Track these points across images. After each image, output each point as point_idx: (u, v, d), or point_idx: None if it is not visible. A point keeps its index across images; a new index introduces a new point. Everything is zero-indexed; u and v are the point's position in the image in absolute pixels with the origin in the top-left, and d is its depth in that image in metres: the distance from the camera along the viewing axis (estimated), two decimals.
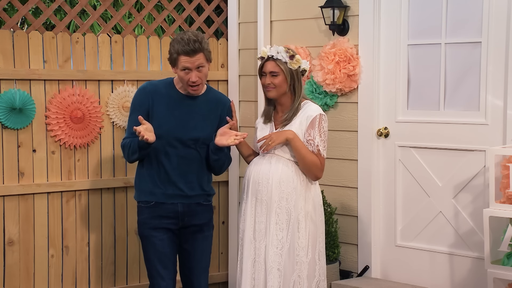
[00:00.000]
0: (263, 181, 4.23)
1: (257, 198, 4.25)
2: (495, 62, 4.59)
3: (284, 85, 4.23)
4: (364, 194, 5.09)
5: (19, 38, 4.91)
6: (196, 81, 4.16)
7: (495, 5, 4.56)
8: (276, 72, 4.22)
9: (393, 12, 4.98)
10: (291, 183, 4.22)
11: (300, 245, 4.22)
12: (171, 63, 4.20)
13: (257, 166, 4.29)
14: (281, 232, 4.20)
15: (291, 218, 4.21)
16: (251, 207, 4.27)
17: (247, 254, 4.25)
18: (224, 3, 5.76)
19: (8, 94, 4.84)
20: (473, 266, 4.72)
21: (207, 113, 4.29)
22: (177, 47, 4.11)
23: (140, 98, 4.28)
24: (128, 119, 4.32)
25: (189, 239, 4.33)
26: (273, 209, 4.20)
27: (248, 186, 4.30)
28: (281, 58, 4.20)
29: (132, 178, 5.27)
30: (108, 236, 5.29)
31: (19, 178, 4.94)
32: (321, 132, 4.22)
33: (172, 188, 4.25)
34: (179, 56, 4.12)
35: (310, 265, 4.25)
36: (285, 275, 4.19)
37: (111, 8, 5.34)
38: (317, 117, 4.23)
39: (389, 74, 5.03)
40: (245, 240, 4.26)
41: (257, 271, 4.22)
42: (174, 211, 4.26)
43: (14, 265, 4.94)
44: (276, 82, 4.22)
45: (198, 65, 4.14)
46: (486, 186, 4.58)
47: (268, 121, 4.35)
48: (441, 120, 4.83)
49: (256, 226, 4.24)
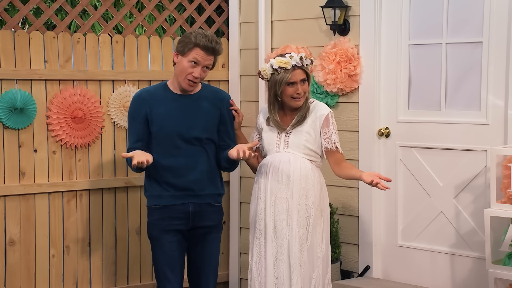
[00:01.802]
0: (283, 179, 4.23)
1: (277, 196, 4.24)
2: (496, 62, 4.59)
3: (308, 91, 4.29)
4: (365, 194, 5.09)
5: (20, 38, 4.92)
6: (197, 77, 4.17)
7: (496, 5, 4.56)
8: (305, 78, 4.24)
9: (394, 12, 4.98)
10: (310, 180, 4.24)
11: (317, 241, 4.24)
12: (180, 51, 4.19)
13: (275, 164, 4.26)
14: (302, 229, 4.21)
15: (311, 215, 4.22)
16: (270, 205, 4.25)
17: (270, 253, 4.24)
18: (225, 3, 5.76)
19: (9, 94, 4.85)
20: (474, 266, 4.72)
21: (207, 109, 4.29)
22: (200, 39, 4.14)
23: (137, 106, 4.29)
24: (128, 129, 4.35)
25: (198, 241, 4.33)
26: (295, 206, 4.21)
27: (266, 184, 4.27)
28: (306, 63, 4.22)
29: (133, 178, 5.30)
30: (109, 236, 5.29)
31: (20, 178, 4.94)
32: (334, 129, 4.28)
33: (181, 188, 4.24)
34: (196, 47, 4.14)
35: (323, 262, 4.27)
36: (306, 272, 4.20)
37: (112, 8, 5.34)
38: (329, 115, 4.27)
39: (390, 74, 5.03)
40: (267, 239, 4.25)
41: (280, 269, 4.22)
42: (184, 212, 4.26)
43: (15, 265, 4.94)
44: (306, 89, 4.25)
45: (206, 65, 4.17)
46: (487, 186, 4.58)
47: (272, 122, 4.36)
48: (442, 120, 4.83)
49: (277, 224, 4.23)
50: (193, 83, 4.20)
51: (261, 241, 4.29)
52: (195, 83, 4.21)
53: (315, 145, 4.27)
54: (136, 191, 5.34)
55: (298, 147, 4.25)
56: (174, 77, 4.29)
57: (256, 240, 4.31)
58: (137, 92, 4.39)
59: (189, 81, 4.19)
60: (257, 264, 4.31)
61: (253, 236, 4.34)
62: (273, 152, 4.30)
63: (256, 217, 4.31)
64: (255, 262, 4.31)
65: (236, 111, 4.43)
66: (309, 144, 4.25)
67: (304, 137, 4.25)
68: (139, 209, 5.39)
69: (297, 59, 4.17)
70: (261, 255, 4.29)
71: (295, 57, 4.17)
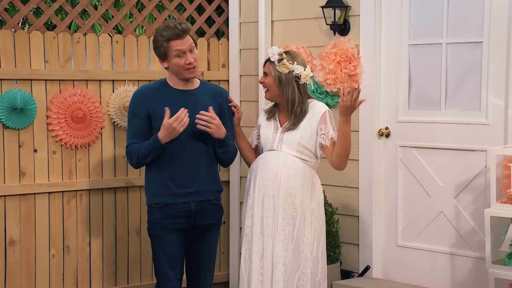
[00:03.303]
0: (271, 176, 4.24)
1: (265, 193, 4.25)
2: (496, 62, 4.59)
3: (274, 88, 4.26)
4: (365, 194, 5.09)
5: (20, 38, 4.92)
6: (192, 62, 4.20)
7: (496, 5, 4.56)
8: (267, 72, 4.29)
9: (394, 12, 4.98)
10: (298, 180, 4.23)
11: (306, 241, 4.23)
12: (161, 56, 4.23)
13: (265, 161, 4.29)
14: (287, 227, 4.21)
15: (298, 214, 4.22)
16: (258, 202, 4.26)
17: (256, 250, 4.25)
18: (225, 3, 5.76)
19: (9, 94, 4.84)
20: (474, 266, 4.72)
21: (208, 103, 4.30)
22: (166, 33, 4.16)
23: (138, 102, 4.28)
24: (128, 125, 4.32)
25: (199, 239, 4.34)
26: (281, 204, 4.21)
27: (255, 181, 4.29)
28: (273, 60, 4.26)
29: (133, 178, 5.30)
30: (109, 236, 5.29)
31: (20, 178, 4.94)
32: (333, 125, 4.27)
33: (183, 186, 4.24)
34: (170, 42, 4.16)
35: (314, 263, 4.26)
36: (290, 271, 4.20)
37: (112, 8, 5.34)
38: (326, 112, 4.28)
39: (390, 74, 5.03)
40: (254, 235, 4.26)
41: (264, 266, 4.22)
42: (186, 210, 4.26)
43: (15, 265, 4.94)
44: (266, 82, 4.29)
45: (190, 47, 4.19)
46: (487, 186, 4.58)
47: (271, 117, 4.37)
48: (442, 120, 4.83)
49: (263, 222, 4.24)
50: (193, 69, 4.23)
51: (249, 237, 4.31)
52: (195, 67, 4.24)
53: (309, 143, 4.26)
54: (136, 191, 5.34)
55: (291, 144, 4.24)
56: (172, 75, 4.30)
57: (245, 236, 4.34)
58: (138, 88, 4.39)
59: (188, 70, 4.22)
60: (245, 260, 4.33)
61: (243, 233, 4.37)
62: (267, 149, 4.33)
63: (246, 213, 4.34)
64: (244, 259, 4.34)
65: (235, 107, 4.44)
66: (303, 141, 4.25)
67: (299, 133, 4.25)
68: (139, 209, 5.39)
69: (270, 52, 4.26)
70: (249, 251, 4.30)
71: (270, 50, 4.26)
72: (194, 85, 4.34)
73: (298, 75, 4.25)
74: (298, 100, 4.26)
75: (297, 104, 4.26)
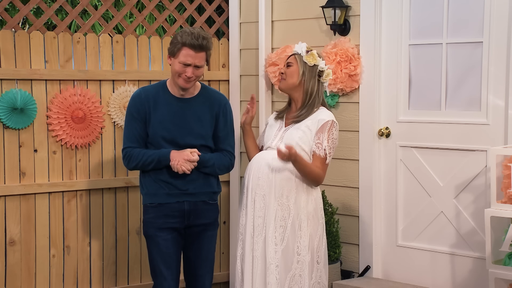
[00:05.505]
0: (263, 176, 4.24)
1: (256, 192, 4.25)
2: (497, 62, 4.59)
3: (295, 77, 4.27)
4: (365, 194, 5.09)
5: (21, 38, 4.92)
6: (191, 77, 4.16)
7: (497, 5, 4.56)
8: (291, 63, 4.32)
9: (394, 12, 4.98)
10: (292, 182, 4.22)
11: (302, 244, 4.23)
12: (170, 53, 4.19)
13: (259, 161, 4.29)
14: (279, 229, 4.21)
15: (291, 216, 4.21)
16: (251, 201, 4.27)
17: (249, 249, 4.25)
18: (225, 3, 5.76)
19: (10, 94, 4.85)
20: (475, 266, 4.72)
21: (203, 114, 4.26)
22: (186, 38, 4.11)
23: (137, 106, 4.25)
24: (126, 127, 4.27)
25: (195, 239, 4.33)
26: (272, 204, 4.21)
27: (248, 180, 4.30)
28: (300, 52, 4.30)
29: (133, 178, 5.30)
30: (109, 236, 5.29)
31: (21, 178, 4.95)
32: (329, 138, 4.24)
33: (176, 187, 4.24)
34: (184, 47, 4.12)
35: (310, 266, 4.25)
36: (282, 273, 4.19)
37: (112, 8, 5.34)
38: (329, 122, 4.26)
39: (390, 74, 5.03)
40: (247, 235, 4.27)
41: (255, 266, 4.23)
42: (179, 210, 4.25)
43: (16, 265, 4.94)
44: (289, 70, 4.30)
45: (197, 63, 4.14)
46: (488, 186, 4.58)
47: (280, 117, 4.39)
48: (442, 120, 4.83)
49: (254, 221, 4.25)
50: (188, 82, 4.19)
51: (243, 236, 4.32)
52: (190, 82, 4.19)
53: (307, 146, 4.25)
54: (136, 191, 5.34)
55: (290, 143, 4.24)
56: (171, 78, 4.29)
57: (240, 235, 4.36)
58: (136, 91, 4.35)
59: (183, 80, 4.18)
60: (240, 259, 4.33)
61: (238, 232, 4.38)
62: (265, 148, 4.34)
63: (241, 212, 4.35)
64: (239, 258, 4.35)
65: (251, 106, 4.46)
66: (301, 142, 4.24)
67: (298, 134, 4.25)
68: (139, 209, 5.39)
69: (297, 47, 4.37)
70: (243, 250, 4.31)
71: (297, 46, 4.37)
72: (193, 92, 4.29)
73: (321, 70, 4.30)
74: (315, 94, 4.29)
75: (313, 97, 4.29)
